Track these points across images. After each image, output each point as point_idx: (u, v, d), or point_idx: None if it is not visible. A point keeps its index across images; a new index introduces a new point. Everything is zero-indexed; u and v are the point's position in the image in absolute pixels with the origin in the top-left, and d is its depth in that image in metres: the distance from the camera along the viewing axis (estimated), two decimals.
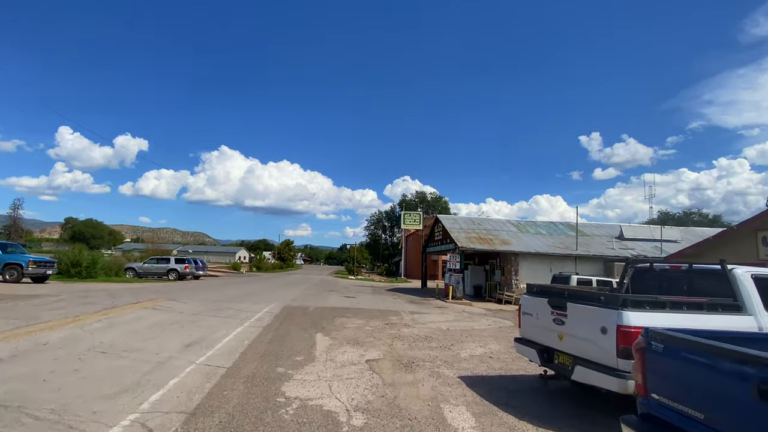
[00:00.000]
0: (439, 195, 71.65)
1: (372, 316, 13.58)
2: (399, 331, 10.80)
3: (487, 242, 23.90)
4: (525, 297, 6.25)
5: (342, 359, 7.40)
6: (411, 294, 25.60)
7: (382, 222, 77.88)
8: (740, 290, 5.16)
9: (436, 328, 11.83)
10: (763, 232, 14.35)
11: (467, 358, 8.09)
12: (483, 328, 12.43)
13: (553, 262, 23.19)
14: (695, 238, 28.37)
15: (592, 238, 26.37)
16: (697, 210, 57.94)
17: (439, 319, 13.79)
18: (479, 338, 10.46)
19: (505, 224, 27.95)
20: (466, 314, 15.98)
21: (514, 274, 23.04)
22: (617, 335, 4.55)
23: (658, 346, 2.75)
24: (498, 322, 14.04)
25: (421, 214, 41.57)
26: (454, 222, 27.47)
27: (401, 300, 20.99)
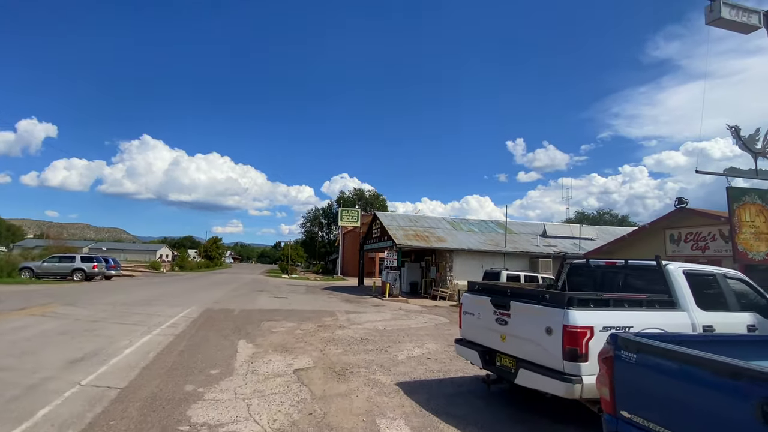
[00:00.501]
0: (377, 193, 71.61)
1: (304, 318, 12.72)
2: (333, 334, 10.10)
3: (424, 239, 23.95)
4: (466, 296, 5.88)
5: (266, 370, 6.55)
6: (347, 292, 24.94)
7: (318, 219, 76.17)
8: (674, 286, 5.18)
9: (372, 328, 11.29)
10: (670, 230, 15.68)
11: (404, 360, 7.62)
12: (419, 326, 12.13)
13: (485, 259, 23.82)
14: (608, 236, 30.85)
15: (519, 235, 27.56)
16: (608, 211, 63.80)
17: (375, 319, 13.29)
18: (416, 337, 10.08)
19: (441, 222, 28.29)
20: (402, 312, 15.67)
21: (449, 270, 23.31)
22: (563, 336, 4.28)
23: (630, 356, 2.39)
24: (434, 319, 13.86)
25: (359, 211, 40.98)
26: (392, 219, 27.26)
27: (337, 299, 20.25)
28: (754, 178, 8.70)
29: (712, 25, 8.93)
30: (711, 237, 14.18)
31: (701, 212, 14.70)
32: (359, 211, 41.28)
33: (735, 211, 8.42)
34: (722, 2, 8.65)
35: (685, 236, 15.06)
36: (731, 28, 9.02)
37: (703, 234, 14.43)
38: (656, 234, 16.18)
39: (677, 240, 15.35)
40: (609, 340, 2.74)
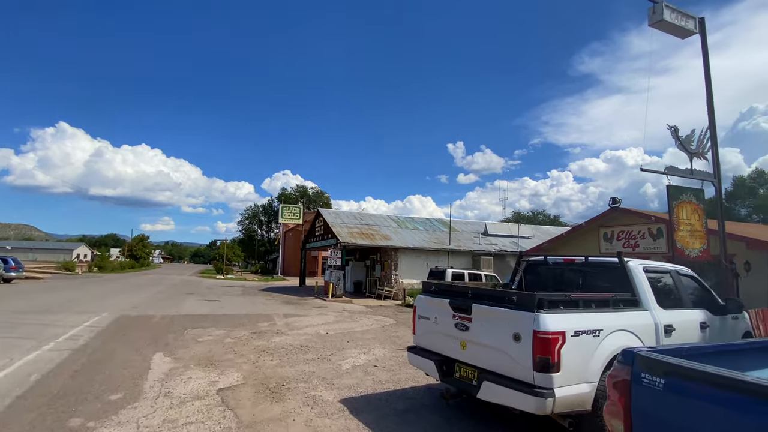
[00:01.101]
0: (320, 190, 69.89)
1: (237, 324, 11.49)
2: (269, 342, 9.06)
3: (369, 237, 23.29)
4: (421, 298, 5.24)
5: (183, 391, 5.46)
6: (288, 293, 23.63)
7: (258, 216, 72.85)
8: (636, 284, 4.91)
9: (314, 333, 10.38)
10: (603, 228, 16.35)
11: (350, 370, 6.85)
12: (365, 328, 11.41)
13: (429, 257, 23.71)
14: (543, 234, 32.24)
15: (462, 233, 27.87)
16: (542, 211, 67.54)
17: (317, 322, 12.36)
18: (362, 342, 9.35)
19: (386, 220, 27.82)
20: (346, 313, 14.86)
21: (394, 269, 22.88)
22: (534, 343, 3.75)
23: (655, 380, 1.84)
24: (380, 320, 13.22)
25: (302, 208, 39.39)
26: (336, 216, 26.30)
27: (276, 301, 18.96)
28: (689, 177, 9.00)
29: (654, 27, 9.12)
30: (641, 235, 14.92)
31: (633, 212, 15.45)
32: (302, 209, 39.75)
33: (674, 209, 8.64)
34: (664, 4, 8.85)
35: (618, 234, 15.75)
36: (670, 31, 9.28)
37: (634, 232, 15.15)
38: (591, 232, 16.82)
39: (610, 238, 16.03)
40: (622, 358, 2.18)
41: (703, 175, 9.15)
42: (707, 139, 9.35)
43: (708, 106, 9.47)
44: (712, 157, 9.37)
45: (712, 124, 9.41)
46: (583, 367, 3.92)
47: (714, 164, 9.36)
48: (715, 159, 9.35)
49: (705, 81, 9.56)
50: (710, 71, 9.56)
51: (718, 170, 9.36)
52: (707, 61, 9.59)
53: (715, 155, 9.34)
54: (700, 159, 9.20)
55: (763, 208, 32.17)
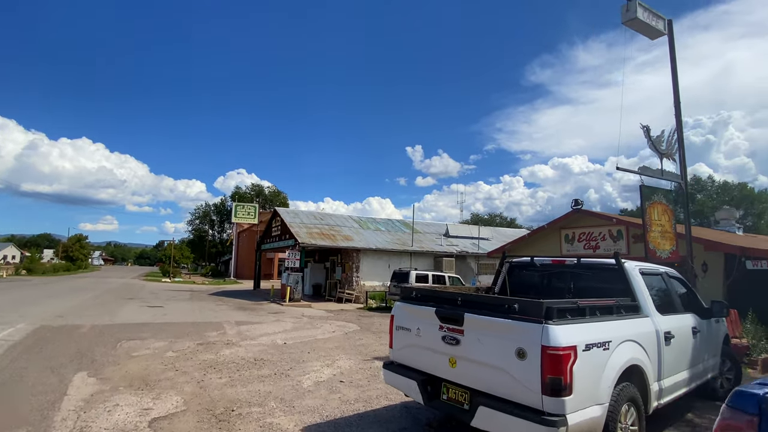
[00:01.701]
0: (277, 189, 67.48)
1: (181, 334, 10.24)
2: (218, 355, 7.99)
3: (330, 238, 22.34)
4: (400, 306, 4.51)
5: (105, 425, 4.40)
6: (241, 298, 22.15)
7: (209, 216, 69.28)
8: (635, 288, 4.48)
9: (270, 343, 9.38)
10: (565, 230, 16.46)
11: (312, 388, 6.00)
12: (327, 336, 10.54)
13: (392, 258, 23.15)
14: (502, 236, 32.70)
15: (424, 235, 27.57)
16: (499, 214, 69.29)
17: (274, 330, 11.33)
18: (325, 352, 8.49)
19: (348, 220, 26.96)
20: (306, 319, 13.87)
21: (356, 271, 22.09)
22: (543, 361, 3.14)
23: None
24: (343, 326, 12.38)
25: (257, 207, 37.50)
26: (295, 216, 25.10)
27: (227, 306, 17.56)
28: (660, 178, 8.94)
29: (627, 25, 9.00)
30: (601, 237, 15.09)
31: (594, 213, 15.63)
32: (257, 207, 37.89)
33: (647, 209, 8.51)
34: (638, 2, 8.74)
35: (579, 236, 15.88)
36: (641, 30, 9.20)
37: (595, 234, 15.31)
38: (552, 234, 16.89)
39: (571, 239, 16.15)
40: (736, 403, 1.55)
41: (671, 176, 9.14)
42: (675, 140, 9.37)
43: (675, 107, 9.50)
44: (678, 159, 9.40)
45: (679, 125, 9.44)
46: (595, 386, 3.37)
47: (681, 166, 9.38)
48: (681, 160, 9.38)
49: (672, 82, 9.58)
50: (677, 73, 9.60)
51: (685, 172, 9.40)
52: (674, 62, 9.63)
53: (681, 157, 9.37)
54: (669, 160, 9.18)
55: (701, 213, 34.48)
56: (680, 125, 9.44)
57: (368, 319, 14.23)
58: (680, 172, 9.38)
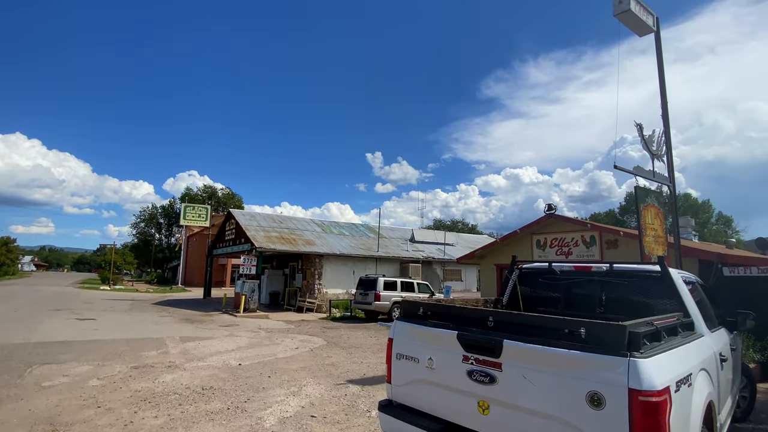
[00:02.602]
0: (231, 192, 64.17)
1: (112, 354, 8.56)
2: (156, 383, 6.51)
3: (290, 242, 20.83)
4: (402, 326, 3.43)
5: None
6: (189, 308, 20.08)
7: (156, 219, 64.66)
8: (685, 300, 3.69)
9: (222, 365, 7.95)
10: (536, 235, 16.08)
11: (276, 428, 4.76)
12: (290, 354, 9.22)
13: (356, 264, 22.01)
14: (466, 242, 32.48)
15: (389, 240, 26.65)
16: (461, 220, 69.91)
17: (226, 347, 9.84)
18: (288, 375, 7.21)
19: (309, 223, 25.50)
20: (263, 333, 12.40)
21: (318, 278, 20.71)
22: (633, 411, 2.18)
23: None
24: (307, 341, 11.06)
25: (209, 209, 34.92)
26: (251, 218, 23.32)
27: (172, 318, 15.64)
28: (652, 179, 8.51)
29: (619, 18, 8.55)
30: (574, 242, 14.79)
31: (567, 219, 15.35)
32: (209, 209, 35.31)
33: (642, 211, 8.01)
34: None
35: (551, 241, 15.54)
36: (631, 25, 8.80)
37: (567, 240, 15.01)
38: (524, 239, 16.49)
39: (543, 245, 15.79)
40: None
41: (661, 178, 8.75)
42: (663, 142, 9.01)
43: (663, 108, 9.17)
44: (666, 161, 9.05)
45: (666, 126, 9.10)
46: None
47: (668, 168, 9.03)
48: (669, 162, 9.03)
49: (659, 82, 9.26)
50: (664, 72, 9.29)
51: (672, 174, 9.05)
52: (661, 61, 9.32)
53: (669, 159, 9.03)
54: (659, 161, 8.79)
55: None
56: (667, 127, 9.10)
57: (334, 332, 12.98)
58: (668, 175, 9.03)
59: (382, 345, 10.56)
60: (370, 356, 9.07)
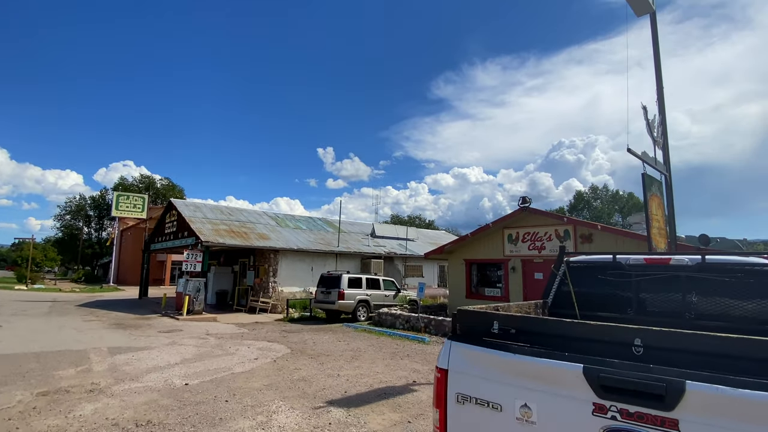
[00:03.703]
0: (172, 183, 59.35)
1: (14, 375, 6.60)
2: (68, 419, 4.82)
3: (241, 236, 18.87)
4: (463, 349, 2.22)
5: None
6: (122, 310, 17.55)
7: (85, 211, 58.38)
8: None
9: (163, 386, 6.31)
10: (509, 230, 15.55)
11: None
12: (249, 367, 7.70)
13: (315, 260, 20.48)
14: (425, 237, 31.91)
15: (349, 235, 25.34)
16: (418, 215, 69.67)
17: (169, 360, 8.11)
18: (251, 398, 5.77)
19: (262, 216, 23.52)
20: (213, 340, 10.67)
21: (273, 275, 18.96)
22: None
23: None
24: (266, 348, 9.54)
25: (146, 198, 31.41)
26: (196, 209, 20.98)
27: (100, 323, 13.34)
28: (653, 166, 7.94)
29: None
30: (547, 237, 14.37)
31: (542, 212, 14.91)
32: (146, 199, 31.79)
33: (649, 200, 7.39)
34: None
35: (523, 236, 15.05)
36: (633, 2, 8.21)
37: (540, 234, 14.56)
38: (495, 234, 15.92)
39: (515, 239, 15.28)
40: None
41: (661, 167, 8.23)
42: (661, 131, 8.51)
43: (658, 94, 8.67)
44: (663, 150, 8.56)
45: (662, 115, 8.60)
46: None
47: (664, 157, 8.54)
48: (665, 152, 8.54)
49: (655, 69, 8.77)
50: (660, 58, 8.80)
51: (668, 163, 8.58)
52: (657, 47, 8.82)
53: (665, 148, 8.54)
54: (658, 148, 8.26)
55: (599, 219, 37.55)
56: (663, 115, 8.61)
57: (296, 336, 11.50)
58: (665, 164, 8.55)
59: (355, 351, 9.31)
60: (346, 366, 7.79)
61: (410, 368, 7.76)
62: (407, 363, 8.21)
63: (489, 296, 15.85)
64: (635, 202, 40.34)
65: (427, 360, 8.54)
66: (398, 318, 13.32)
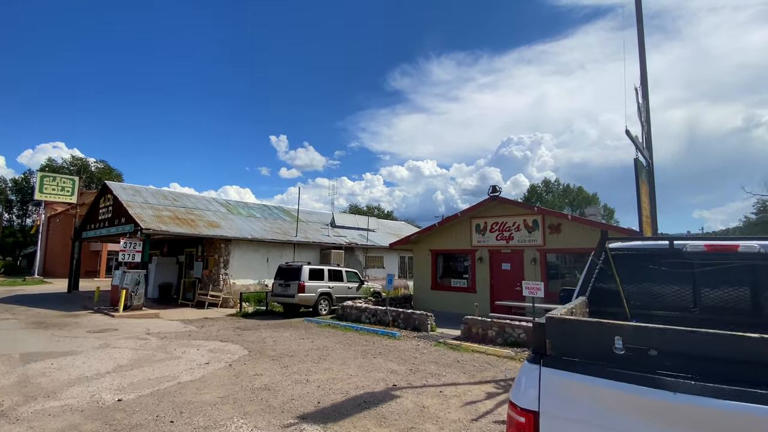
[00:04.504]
0: (109, 166, 54.44)
1: None
2: None
3: (188, 224, 17.14)
4: (563, 380, 1.43)
5: None
6: (46, 305, 15.35)
7: (5, 195, 52.12)
8: None
9: (88, 403, 5.07)
10: (476, 219, 15.17)
11: None
12: (200, 374, 6.56)
13: (271, 251, 19.14)
14: (385, 228, 31.28)
15: (308, 224, 24.10)
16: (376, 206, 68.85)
17: (96, 368, 6.76)
18: (204, 417, 4.71)
19: (212, 203, 21.69)
20: (155, 341, 9.30)
21: (224, 266, 17.44)
22: None
23: None
24: (219, 350, 8.36)
25: (77, 181, 27.97)
26: (136, 193, 18.85)
27: (17, 322, 11.40)
28: (642, 150, 7.63)
29: None
30: (516, 227, 14.12)
31: (511, 202, 14.62)
32: (76, 181, 28.30)
33: (640, 186, 7.04)
34: None
35: (491, 226, 14.73)
36: None
37: (509, 224, 14.29)
38: (463, 223, 15.51)
39: (483, 229, 14.93)
40: None
41: (647, 153, 7.95)
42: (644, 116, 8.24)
43: (642, 78, 8.39)
44: (645, 137, 8.30)
45: (645, 100, 8.33)
46: None
47: (646, 141, 8.28)
48: (647, 139, 8.29)
49: (639, 52, 8.48)
50: (644, 41, 8.51)
51: (650, 148, 8.34)
52: (641, 26, 8.53)
53: (647, 132, 8.28)
54: (643, 132, 7.97)
55: None
56: (647, 99, 8.34)
57: (253, 334, 10.37)
58: (648, 151, 8.31)
59: (322, 350, 8.39)
60: (314, 369, 6.86)
61: (386, 369, 6.99)
62: (382, 362, 7.43)
63: (455, 287, 15.44)
64: (585, 196, 42.24)
65: (402, 358, 7.81)
66: (364, 311, 12.51)
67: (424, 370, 7.00)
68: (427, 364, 7.38)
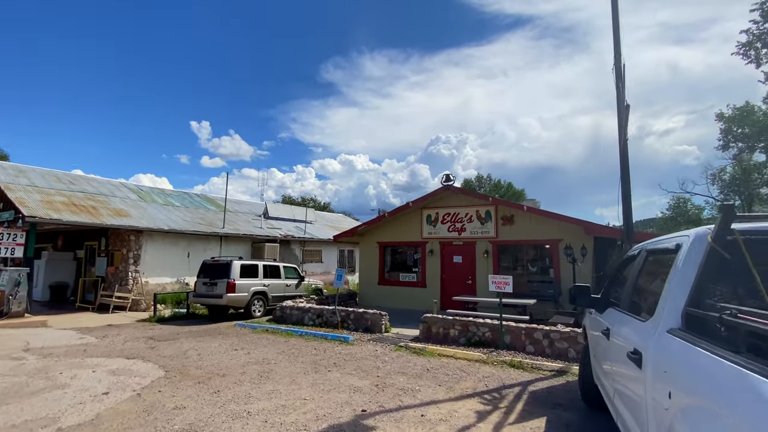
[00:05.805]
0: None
1: None
2: None
3: (88, 211, 14.22)
4: None
5: None
6: None
7: None
8: None
9: None
10: (427, 210, 14.34)
11: None
12: (92, 412, 4.73)
13: (193, 244, 16.74)
14: (323, 220, 29.65)
15: (236, 215, 21.75)
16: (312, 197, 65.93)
17: None
18: None
19: (119, 188, 18.53)
20: (33, 360, 7.04)
21: (134, 262, 14.79)
22: None
23: None
24: (124, 370, 6.42)
25: None
26: (20, 174, 15.32)
27: None
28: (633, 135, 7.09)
29: None
30: (468, 218, 13.50)
31: (465, 191, 13.98)
32: None
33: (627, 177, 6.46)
34: None
35: (443, 217, 13.98)
36: None
37: (461, 215, 13.63)
38: (413, 214, 14.60)
39: (434, 220, 14.14)
40: None
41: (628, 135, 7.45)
42: None
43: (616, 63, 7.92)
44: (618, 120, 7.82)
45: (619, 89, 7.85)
46: None
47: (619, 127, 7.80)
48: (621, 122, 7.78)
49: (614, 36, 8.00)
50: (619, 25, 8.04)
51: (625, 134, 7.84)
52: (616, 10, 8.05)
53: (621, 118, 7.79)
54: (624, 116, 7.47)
55: None
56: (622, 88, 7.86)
57: (171, 345, 8.44)
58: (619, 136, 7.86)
59: (263, 364, 6.84)
60: (255, 393, 5.36)
61: (347, 386, 5.69)
62: (339, 377, 6.12)
63: (404, 282, 14.49)
64: (514, 191, 44.14)
65: (362, 369, 6.56)
66: (307, 312, 11.03)
67: (392, 384, 5.82)
68: (394, 376, 6.22)
